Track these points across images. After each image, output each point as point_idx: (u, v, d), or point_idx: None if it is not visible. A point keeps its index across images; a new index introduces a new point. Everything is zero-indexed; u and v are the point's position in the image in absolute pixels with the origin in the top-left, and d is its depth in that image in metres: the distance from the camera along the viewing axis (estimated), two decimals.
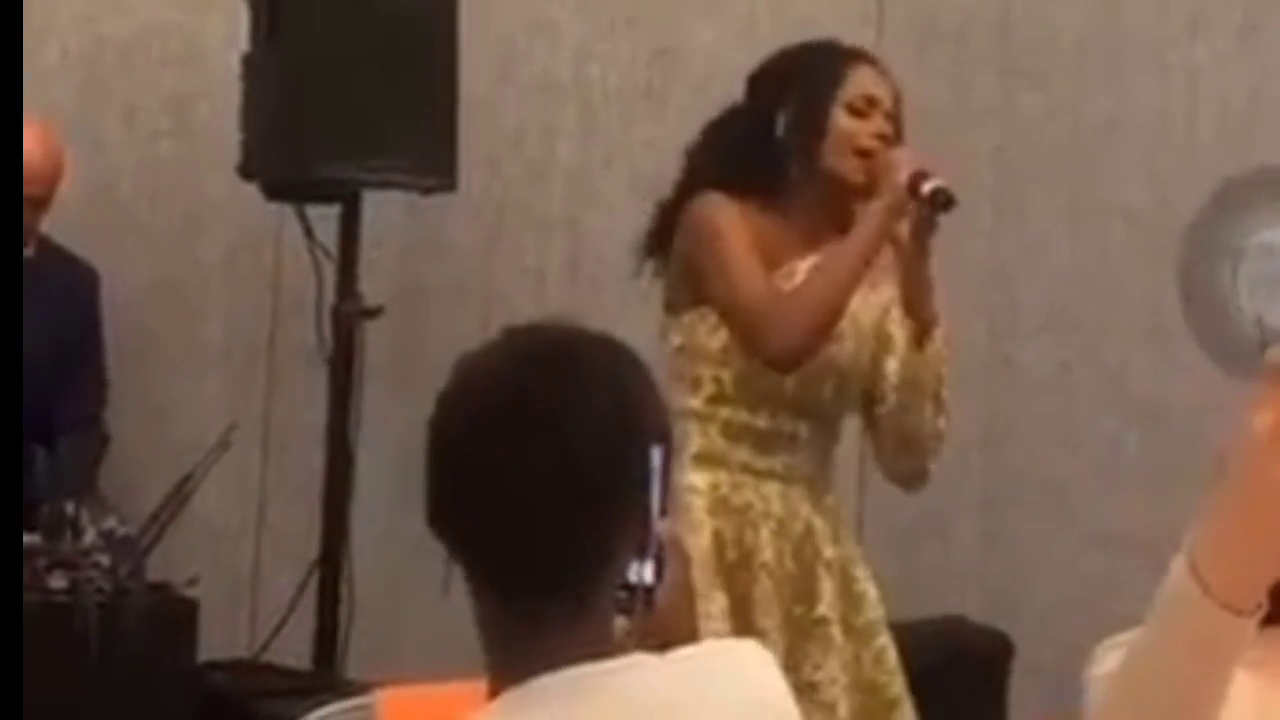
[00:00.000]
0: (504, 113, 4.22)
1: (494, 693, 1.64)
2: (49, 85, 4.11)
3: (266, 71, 3.88)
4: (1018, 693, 3.93)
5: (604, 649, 1.63)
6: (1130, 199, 4.30)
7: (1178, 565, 1.49)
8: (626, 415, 1.66)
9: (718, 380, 3.15)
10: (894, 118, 3.24)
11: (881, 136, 3.16)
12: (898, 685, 3.19)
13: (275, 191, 3.91)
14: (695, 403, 3.15)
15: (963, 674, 3.61)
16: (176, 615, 3.75)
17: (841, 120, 3.15)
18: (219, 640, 3.93)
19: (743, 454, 3.16)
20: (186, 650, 3.74)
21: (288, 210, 3.95)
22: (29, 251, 3.96)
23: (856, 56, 3.27)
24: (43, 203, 3.96)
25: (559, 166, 4.28)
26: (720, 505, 3.15)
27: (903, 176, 3.04)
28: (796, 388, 3.14)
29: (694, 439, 3.13)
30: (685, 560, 2.26)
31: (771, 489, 3.17)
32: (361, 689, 2.20)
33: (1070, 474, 4.18)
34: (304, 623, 3.90)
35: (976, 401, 3.97)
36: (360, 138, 3.86)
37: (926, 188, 3.02)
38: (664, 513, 1.68)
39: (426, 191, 3.91)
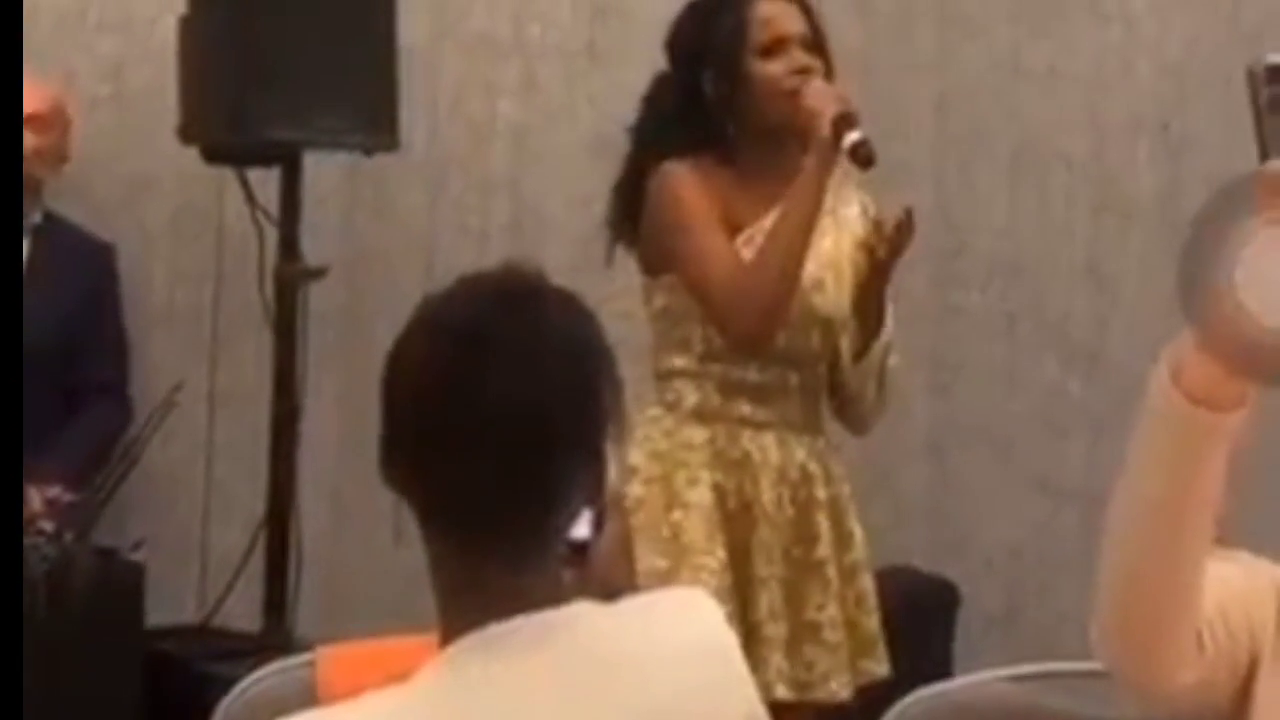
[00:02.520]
0: (444, 71, 4.15)
1: (445, 641, 1.61)
2: None
3: (203, 34, 3.81)
4: (964, 640, 3.92)
5: (554, 597, 1.61)
6: (1070, 147, 4.29)
7: (1157, 375, 1.54)
8: (588, 360, 1.64)
9: (707, 339, 3.15)
10: (812, 42, 3.17)
11: (802, 70, 3.09)
12: (875, 624, 3.22)
13: (215, 155, 3.85)
14: (687, 361, 3.16)
15: (911, 623, 3.60)
16: (123, 581, 3.69)
17: (757, 67, 3.10)
18: (168, 604, 3.88)
19: (740, 407, 3.17)
20: (134, 616, 3.70)
21: (229, 173, 3.89)
22: (37, 219, 3.93)
23: None
24: (45, 165, 3.87)
25: (501, 125, 4.21)
26: (718, 459, 3.15)
27: (826, 126, 2.97)
28: (786, 339, 3.14)
29: (689, 396, 3.14)
30: (624, 513, 2.12)
31: (768, 438, 3.18)
32: (311, 648, 2.13)
33: (1014, 421, 4.16)
34: (254, 584, 3.85)
35: (922, 349, 3.93)
36: (299, 98, 3.78)
37: (847, 141, 2.98)
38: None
39: (368, 151, 3.85)
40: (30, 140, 3.79)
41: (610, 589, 1.69)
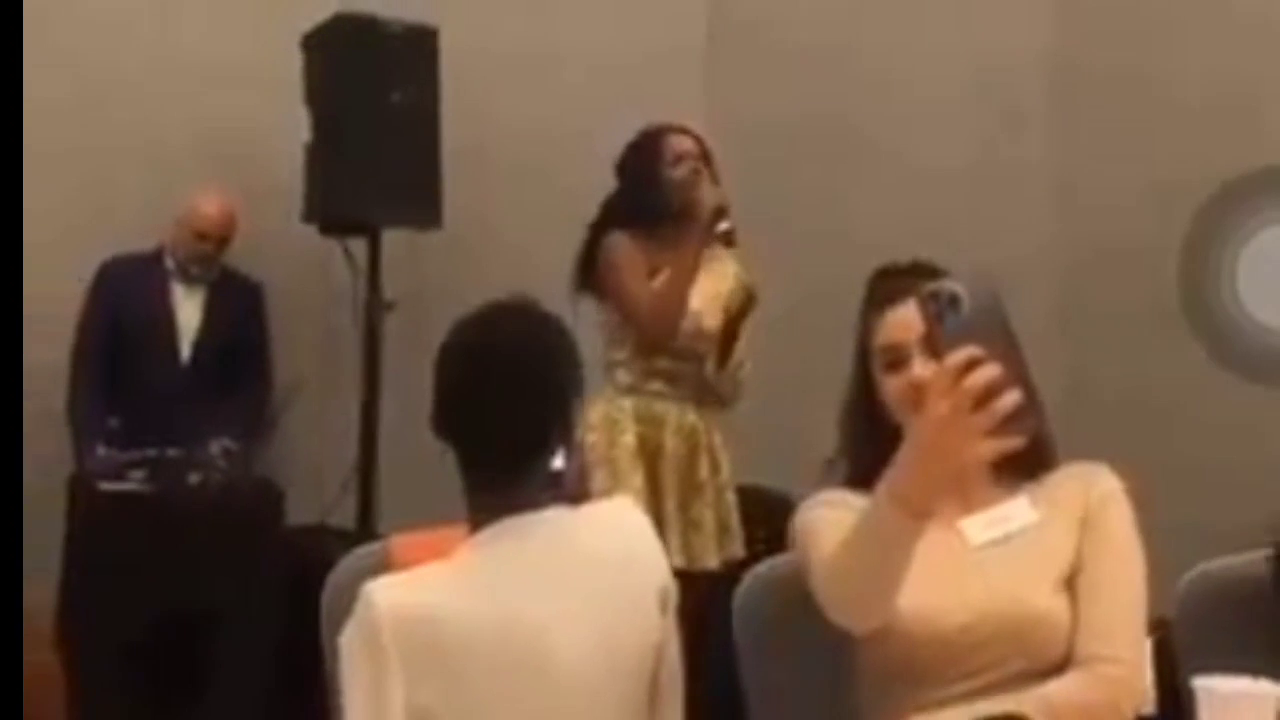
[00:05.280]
0: (475, 170, 4.34)
1: (472, 531, 1.83)
2: (180, 164, 4.38)
3: (319, 153, 4.27)
4: None
5: (541, 503, 1.83)
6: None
7: (879, 491, 1.66)
8: (563, 354, 1.85)
9: (634, 342, 3.53)
10: (703, 156, 3.56)
11: (695, 173, 3.52)
12: (735, 522, 3.59)
13: (325, 229, 4.34)
14: (622, 356, 3.54)
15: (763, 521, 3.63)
16: (270, 498, 4.20)
17: (667, 173, 3.56)
18: (299, 512, 4.25)
19: (654, 385, 3.54)
20: (277, 521, 4.18)
21: (334, 242, 4.33)
22: (215, 275, 4.34)
23: (665, 130, 3.59)
24: (221, 245, 4.33)
25: (509, 214, 4.43)
26: (639, 418, 3.49)
27: (706, 214, 3.44)
28: (682, 343, 3.52)
29: (622, 378, 3.53)
30: (582, 452, 2.94)
31: (671, 405, 3.54)
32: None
33: None
34: (350, 498, 4.23)
35: None
36: (378, 193, 4.21)
37: (719, 228, 3.46)
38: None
39: (421, 227, 4.29)
40: (214, 236, 4.34)
41: (575, 499, 1.90)
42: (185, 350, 4.34)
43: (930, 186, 4.52)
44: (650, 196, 3.51)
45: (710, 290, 3.51)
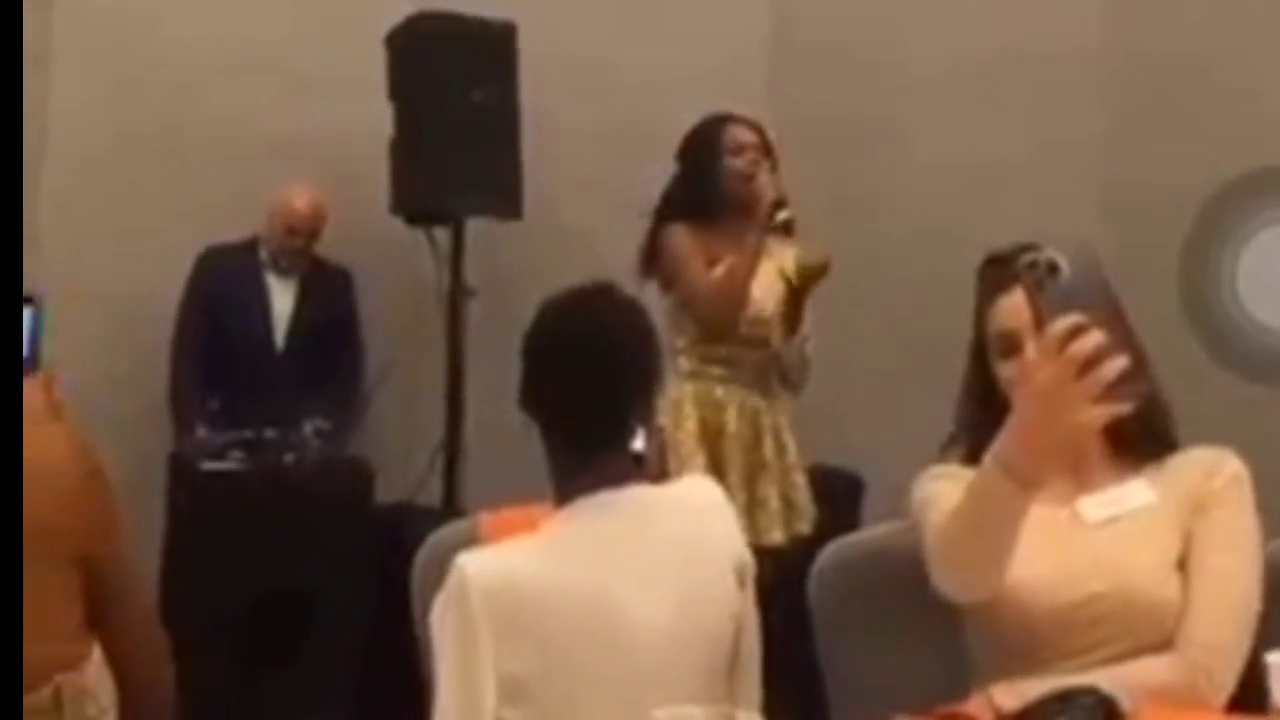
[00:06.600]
0: (552, 163, 4.38)
1: (558, 507, 1.86)
2: (270, 160, 4.40)
3: (402, 147, 4.32)
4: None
5: (624, 480, 1.85)
6: None
7: (986, 461, 1.65)
8: (646, 338, 1.88)
9: (695, 329, 3.54)
10: (763, 148, 3.53)
11: (754, 165, 3.48)
12: (804, 499, 3.58)
13: (411, 220, 4.39)
14: (684, 342, 3.55)
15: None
16: (362, 476, 4.26)
17: (727, 163, 3.54)
18: (388, 490, 4.31)
19: (715, 370, 3.54)
20: (367, 497, 4.24)
21: (420, 232, 4.37)
22: (306, 265, 4.37)
23: (726, 119, 3.57)
24: (311, 238, 4.39)
25: (598, 199, 4.37)
26: (701, 401, 3.51)
27: (766, 206, 3.43)
28: (743, 330, 3.54)
29: (684, 363, 3.54)
30: (664, 440, 3.06)
31: (733, 389, 3.54)
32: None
33: None
34: (436, 477, 4.29)
35: None
36: (461, 183, 4.25)
37: (778, 218, 3.44)
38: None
39: (502, 217, 4.34)
40: (304, 230, 4.38)
41: (655, 478, 1.90)
42: (280, 336, 4.41)
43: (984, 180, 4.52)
44: (709, 187, 3.52)
45: (770, 277, 3.52)
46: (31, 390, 1.76)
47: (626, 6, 4.71)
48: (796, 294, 3.45)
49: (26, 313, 1.89)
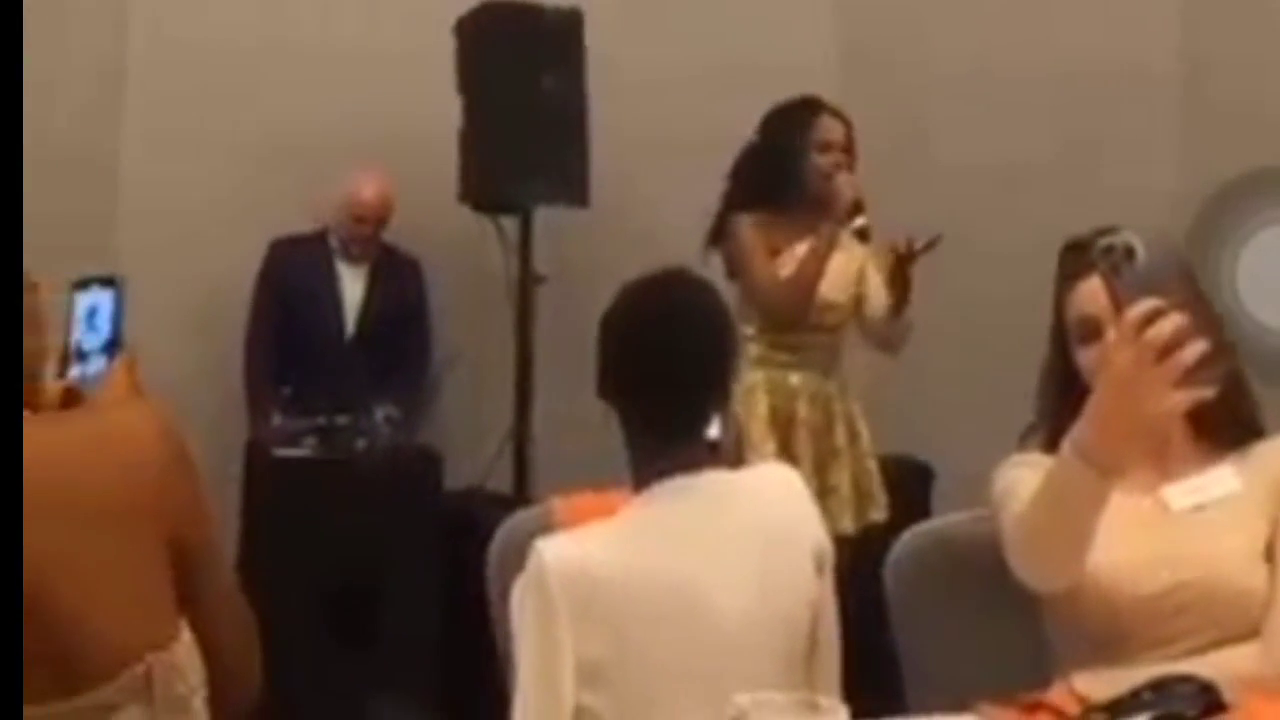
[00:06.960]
0: (618, 154, 4.36)
1: (636, 491, 1.86)
2: (340, 149, 4.42)
3: (471, 137, 4.34)
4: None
5: (700, 465, 1.86)
6: None
7: (1064, 447, 1.63)
8: (727, 329, 1.89)
9: (761, 318, 3.58)
10: (848, 146, 3.55)
11: (837, 164, 3.51)
12: (876, 487, 3.62)
13: (480, 208, 4.39)
14: (751, 331, 3.56)
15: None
16: (431, 463, 4.33)
17: (813, 157, 3.56)
18: (457, 476, 4.37)
19: (783, 357, 3.58)
20: (436, 483, 4.31)
21: (488, 220, 4.40)
22: (374, 255, 4.37)
23: (820, 108, 3.58)
24: (379, 226, 4.42)
25: (666, 189, 4.36)
26: (772, 388, 3.53)
27: (843, 206, 3.43)
28: (814, 319, 3.58)
29: (754, 350, 3.56)
30: (739, 428, 2.99)
31: (803, 376, 3.57)
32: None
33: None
34: (507, 463, 4.32)
35: None
36: (529, 173, 4.26)
37: (855, 223, 3.45)
38: None
39: (570, 204, 4.32)
40: (372, 219, 4.41)
41: (731, 465, 1.90)
42: (350, 324, 4.44)
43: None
44: (788, 182, 3.52)
45: (839, 267, 3.55)
46: (116, 371, 1.78)
47: None
48: (899, 265, 3.42)
49: (109, 294, 1.86)
